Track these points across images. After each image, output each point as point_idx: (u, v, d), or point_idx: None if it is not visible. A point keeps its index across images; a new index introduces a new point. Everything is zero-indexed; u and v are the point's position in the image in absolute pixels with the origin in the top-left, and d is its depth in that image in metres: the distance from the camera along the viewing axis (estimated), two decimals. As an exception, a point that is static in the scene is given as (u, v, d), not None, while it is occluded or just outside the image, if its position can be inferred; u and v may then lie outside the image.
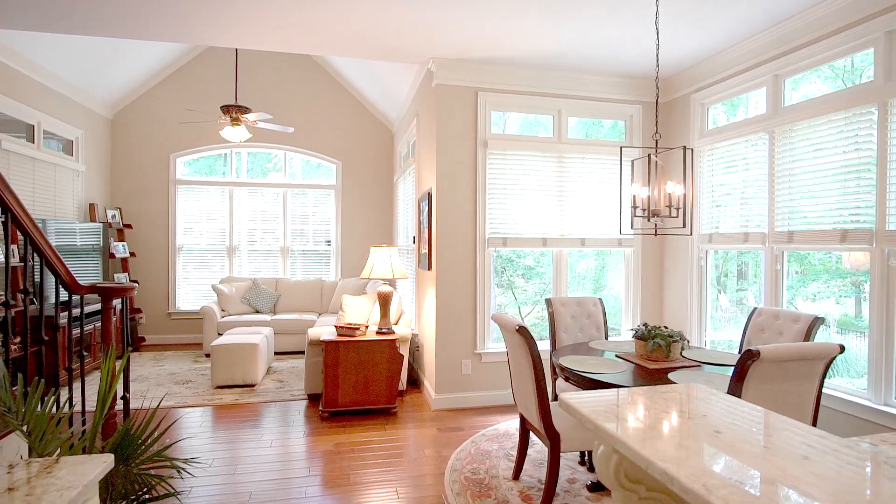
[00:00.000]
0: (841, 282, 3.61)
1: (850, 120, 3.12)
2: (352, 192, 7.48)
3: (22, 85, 4.96)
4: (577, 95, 4.56)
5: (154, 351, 6.49)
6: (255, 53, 7.01)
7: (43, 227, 4.96)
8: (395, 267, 4.31)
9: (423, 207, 4.81)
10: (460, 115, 4.32)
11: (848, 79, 3.40)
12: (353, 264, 7.47)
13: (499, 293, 4.93)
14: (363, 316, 4.80)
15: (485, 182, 4.36)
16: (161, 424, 3.59)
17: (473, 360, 4.39)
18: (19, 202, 1.98)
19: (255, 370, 4.87)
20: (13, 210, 1.96)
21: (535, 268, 5.42)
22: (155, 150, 6.92)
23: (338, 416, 4.12)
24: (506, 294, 5.25)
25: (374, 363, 4.13)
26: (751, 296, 4.18)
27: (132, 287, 2.59)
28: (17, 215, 1.97)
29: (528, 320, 5.24)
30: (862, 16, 3.01)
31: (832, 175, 3.23)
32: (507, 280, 5.28)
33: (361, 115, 7.46)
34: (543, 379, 2.58)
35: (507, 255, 5.14)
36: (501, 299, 5.10)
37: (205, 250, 7.16)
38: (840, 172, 3.18)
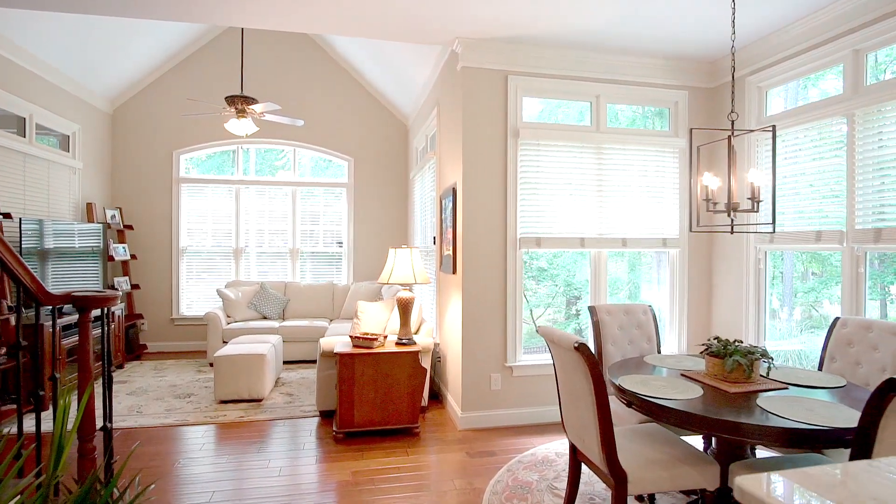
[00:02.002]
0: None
1: (958, 97, 2.64)
2: (365, 191, 7.06)
3: (12, 75, 4.59)
4: (616, 80, 4.10)
5: (156, 359, 6.10)
6: (261, 45, 6.62)
7: (39, 227, 4.59)
8: (418, 271, 3.87)
9: (445, 204, 4.37)
10: (488, 102, 3.89)
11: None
12: (367, 267, 7.04)
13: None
14: (380, 324, 4.37)
15: (516, 175, 3.91)
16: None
17: (503, 375, 3.94)
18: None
19: (261, 383, 4.46)
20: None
21: (548, 269, 5.00)
22: (157, 146, 6.55)
23: (354, 437, 3.69)
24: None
25: (393, 378, 3.70)
26: (826, 303, 3.70)
27: (114, 296, 2.18)
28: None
29: (539, 323, 4.78)
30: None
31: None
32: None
33: (374, 108, 7.05)
34: (608, 408, 2.13)
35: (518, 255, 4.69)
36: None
37: (210, 252, 6.77)
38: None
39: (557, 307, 5.01)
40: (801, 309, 4.00)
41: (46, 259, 4.70)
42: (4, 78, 4.48)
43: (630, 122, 4.69)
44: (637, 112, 4.70)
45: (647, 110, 4.61)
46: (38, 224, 4.61)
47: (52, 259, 4.77)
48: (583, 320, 4.86)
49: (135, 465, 3.22)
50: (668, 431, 2.64)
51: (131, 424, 3.91)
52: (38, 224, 4.59)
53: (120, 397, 4.57)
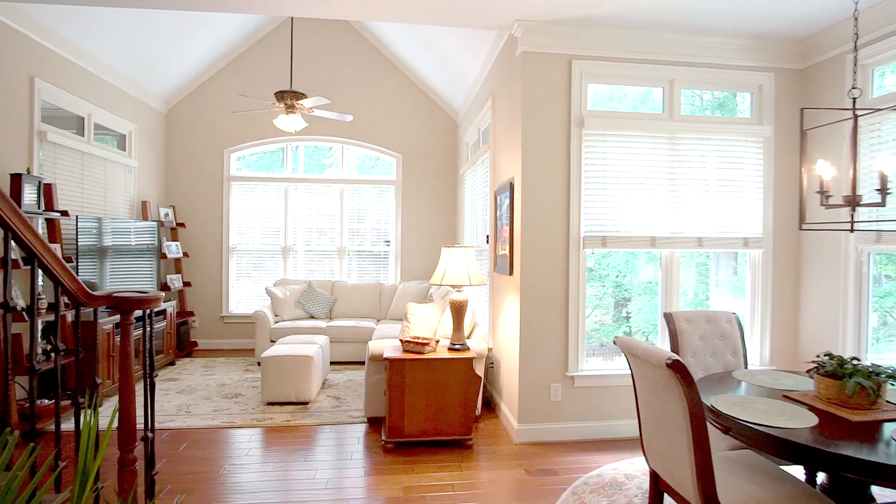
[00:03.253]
0: None
1: None
2: (413, 188, 6.88)
3: (72, 75, 4.66)
4: (692, 62, 3.71)
5: (206, 357, 6.12)
6: (310, 42, 6.54)
7: (98, 225, 4.64)
8: (472, 272, 3.61)
9: (500, 201, 4.10)
10: (550, 89, 3.58)
11: None
12: (414, 266, 6.86)
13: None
14: (430, 327, 4.14)
15: (580, 169, 3.59)
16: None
17: (564, 385, 3.63)
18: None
19: (308, 386, 4.32)
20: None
21: (595, 269, 4.62)
22: (209, 145, 6.59)
23: (403, 447, 3.48)
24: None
25: (446, 385, 3.46)
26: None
27: (156, 298, 2.04)
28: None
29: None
30: None
31: None
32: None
33: (423, 103, 6.85)
34: (706, 438, 1.80)
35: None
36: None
37: (258, 250, 6.76)
38: None
39: (605, 309, 4.67)
40: (876, 315, 3.49)
41: (105, 256, 4.74)
42: (65, 78, 4.54)
43: (707, 108, 4.26)
44: (716, 98, 4.27)
45: (726, 95, 4.17)
46: (97, 222, 4.66)
47: (110, 257, 4.82)
48: (634, 323, 4.52)
49: (181, 469, 3.12)
50: (765, 460, 2.27)
51: (179, 425, 3.85)
52: (96, 222, 4.64)
53: (170, 395, 4.55)
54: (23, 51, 4.00)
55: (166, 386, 4.85)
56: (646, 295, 4.41)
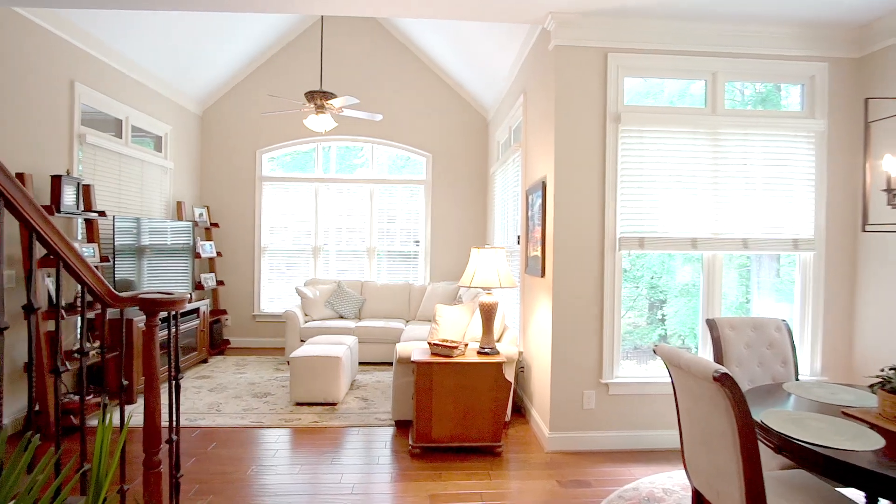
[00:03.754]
0: None
1: None
2: (443, 188, 6.80)
3: (111, 79, 4.77)
4: (737, 53, 3.50)
5: (238, 355, 6.20)
6: (340, 41, 6.54)
7: (135, 226, 4.74)
8: (503, 274, 3.51)
9: (532, 200, 3.97)
10: (584, 84, 3.44)
11: None
12: (444, 267, 6.78)
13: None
14: (459, 330, 4.06)
15: (615, 166, 3.43)
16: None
17: (598, 392, 3.48)
18: (16, 184, 1.42)
19: (336, 387, 4.30)
20: (7, 194, 1.40)
21: (630, 270, 4.41)
22: (242, 146, 6.68)
23: (431, 453, 3.40)
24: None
25: (475, 390, 3.37)
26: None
27: (181, 300, 2.02)
28: (10, 199, 1.41)
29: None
30: None
31: None
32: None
33: (453, 102, 6.76)
34: (758, 458, 1.66)
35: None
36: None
37: (289, 250, 6.82)
38: None
39: (639, 311, 4.49)
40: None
41: (142, 256, 4.84)
42: (104, 82, 4.65)
43: (748, 103, 4.03)
44: (758, 92, 4.03)
45: (769, 89, 3.93)
46: (135, 222, 4.75)
47: (147, 256, 4.91)
48: (669, 326, 4.32)
49: (209, 468, 3.13)
50: (820, 481, 2.09)
51: (209, 423, 3.88)
52: (133, 222, 4.73)
53: (202, 393, 4.61)
54: (63, 55, 4.11)
55: (198, 384, 4.92)
56: (682, 297, 4.21)
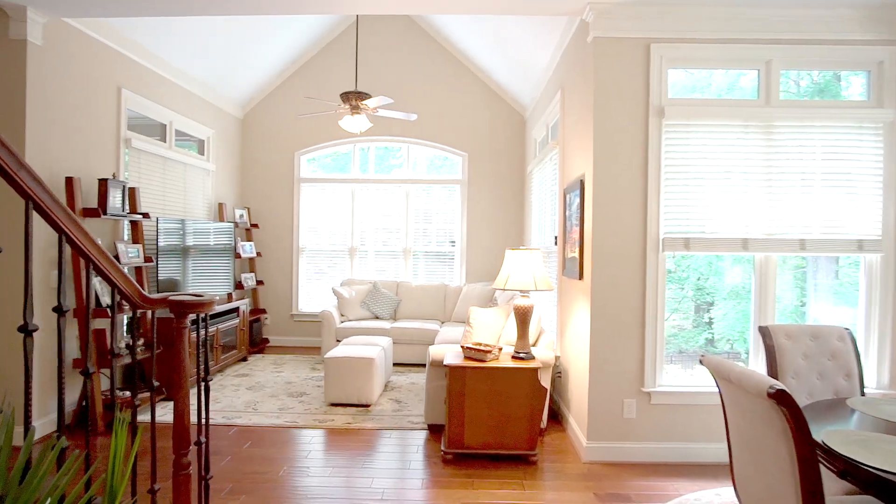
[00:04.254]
0: None
1: None
2: (479, 187, 6.70)
3: (156, 85, 4.92)
4: (795, 39, 3.25)
5: (276, 353, 6.30)
6: (376, 42, 6.54)
7: (180, 227, 4.87)
8: (538, 276, 3.38)
9: (570, 199, 3.83)
10: (625, 77, 3.27)
11: None
12: (480, 267, 6.68)
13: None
14: (494, 333, 3.95)
15: (658, 163, 3.25)
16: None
17: (639, 401, 3.31)
18: (43, 186, 1.42)
19: (370, 388, 4.28)
20: (34, 198, 1.41)
21: (674, 272, 4.17)
22: (281, 148, 6.79)
23: (463, 459, 3.31)
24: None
25: (509, 396, 3.26)
26: None
27: (210, 301, 2.02)
28: (37, 202, 1.42)
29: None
30: None
31: None
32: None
33: (490, 100, 6.65)
34: (819, 485, 1.49)
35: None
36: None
37: (326, 250, 6.89)
38: None
39: (684, 313, 4.26)
40: None
41: (186, 256, 4.97)
42: (148, 88, 4.80)
43: (804, 95, 3.74)
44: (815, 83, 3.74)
45: (828, 79, 3.64)
46: (179, 223, 4.88)
47: (190, 256, 5.04)
48: (717, 329, 4.08)
49: (243, 468, 3.15)
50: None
51: (246, 422, 3.93)
52: (177, 223, 4.86)
53: (240, 391, 4.69)
54: (111, 63, 4.25)
55: (237, 382, 5.01)
56: (731, 300, 3.96)
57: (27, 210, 1.45)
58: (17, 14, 3.42)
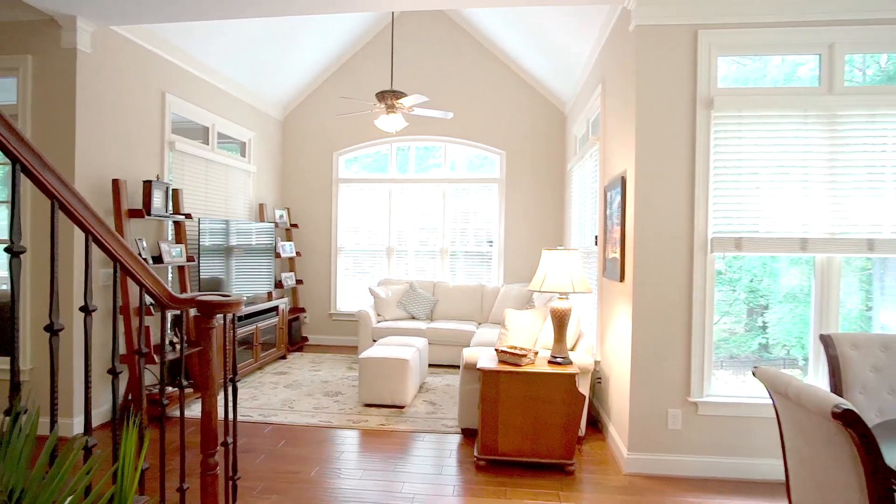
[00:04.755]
0: None
1: None
2: (517, 186, 6.56)
3: (198, 89, 5.05)
4: (859, 20, 2.96)
5: (315, 352, 6.37)
6: (412, 40, 6.51)
7: (221, 227, 4.99)
8: (577, 277, 3.24)
9: (611, 197, 3.66)
10: (670, 67, 3.08)
11: None
12: (518, 268, 6.54)
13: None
14: (530, 336, 3.83)
15: (707, 157, 3.05)
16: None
17: (685, 411, 3.11)
18: (68, 187, 1.43)
19: (404, 389, 4.23)
20: (59, 197, 1.42)
21: (725, 273, 3.85)
22: (320, 149, 6.87)
23: (497, 466, 3.21)
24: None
25: (545, 402, 3.13)
26: None
27: (238, 302, 2.01)
28: (63, 202, 1.43)
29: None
30: None
31: None
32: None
33: (528, 96, 6.50)
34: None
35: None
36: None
37: (364, 250, 6.92)
38: None
39: (736, 316, 3.99)
40: None
41: (229, 256, 5.08)
42: (191, 92, 4.93)
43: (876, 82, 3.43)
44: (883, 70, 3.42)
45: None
46: (221, 224, 5.00)
47: (232, 256, 5.15)
48: (771, 334, 3.80)
49: (276, 467, 3.16)
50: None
51: (281, 420, 3.96)
52: (220, 223, 4.98)
53: (278, 389, 4.75)
54: (155, 69, 4.39)
55: (275, 379, 5.08)
56: (788, 303, 3.68)
57: (52, 210, 1.46)
58: (68, 24, 3.56)
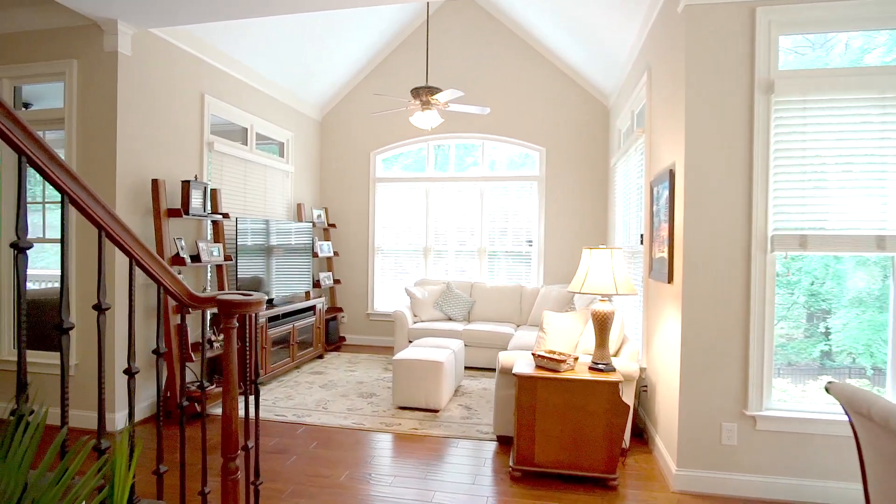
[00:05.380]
0: None
1: None
2: (558, 183, 6.33)
3: (237, 90, 5.11)
4: (950, -11, 2.62)
5: (352, 352, 6.35)
6: (448, 35, 6.39)
7: (260, 226, 5.02)
8: (620, 279, 3.02)
9: (658, 193, 3.41)
10: (724, 49, 2.83)
11: None
12: (558, 268, 6.31)
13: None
14: (570, 340, 3.63)
15: (767, 147, 2.77)
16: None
17: (742, 425, 2.84)
18: (78, 181, 1.37)
19: (438, 393, 4.11)
20: (68, 192, 1.36)
21: (781, 275, 3.49)
22: (357, 148, 6.85)
23: (533, 477, 3.04)
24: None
25: (585, 412, 2.94)
26: None
27: (258, 301, 1.93)
28: (73, 196, 1.37)
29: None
30: None
31: None
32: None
33: (569, 89, 6.25)
34: None
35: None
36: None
37: (401, 250, 6.85)
38: None
39: (794, 321, 3.64)
40: None
41: (265, 255, 5.11)
42: (231, 94, 4.99)
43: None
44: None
45: None
46: (260, 223, 5.03)
47: (271, 255, 5.18)
48: (835, 342, 3.43)
49: (307, 469, 3.10)
50: None
51: (315, 421, 3.92)
52: (259, 223, 5.01)
53: (313, 389, 4.72)
54: (194, 70, 4.45)
55: (311, 379, 5.07)
56: (854, 308, 3.32)
57: (63, 204, 1.41)
58: (109, 27, 3.64)
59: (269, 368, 4.83)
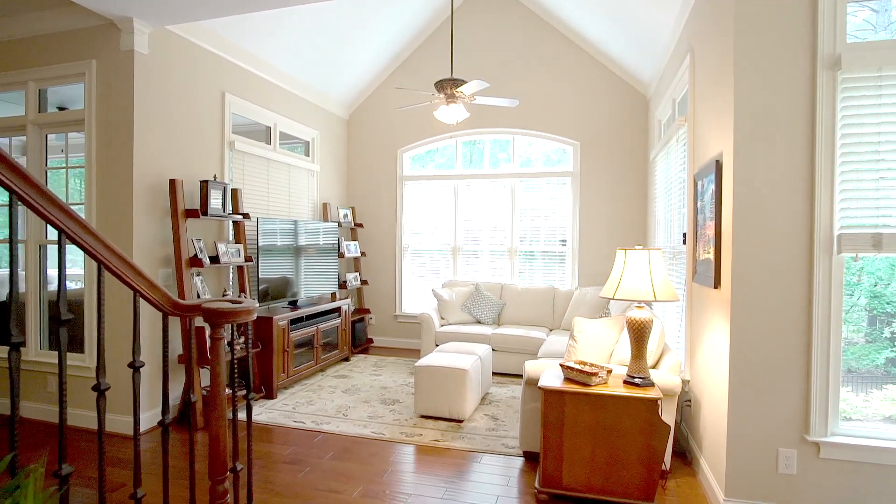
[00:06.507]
0: None
1: None
2: (593, 180, 5.98)
3: (260, 89, 5.03)
4: None
5: (379, 355, 6.20)
6: (474, 28, 6.14)
7: (287, 227, 4.93)
8: (658, 283, 2.71)
9: (702, 187, 3.07)
10: (779, 21, 2.47)
11: None
12: (593, 270, 5.96)
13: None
14: (603, 350, 3.33)
15: (833, 132, 2.40)
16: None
17: (802, 452, 2.48)
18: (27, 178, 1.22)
19: (462, 402, 3.89)
20: (16, 190, 1.21)
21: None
22: (384, 146, 6.70)
23: (561, 501, 2.77)
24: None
25: (619, 431, 2.65)
26: None
27: (248, 310, 1.76)
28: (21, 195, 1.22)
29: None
30: None
31: None
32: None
33: (605, 79, 5.89)
34: None
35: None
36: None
37: (429, 250, 6.65)
38: None
39: (855, 325, 3.22)
40: None
41: (289, 255, 5.01)
42: (253, 92, 4.91)
43: None
44: None
45: None
46: (288, 224, 4.93)
47: (295, 256, 5.08)
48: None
49: (319, 483, 2.93)
50: None
51: (333, 429, 3.76)
52: (286, 224, 4.91)
53: (335, 394, 4.58)
54: (214, 68, 4.38)
55: (335, 383, 4.93)
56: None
57: (11, 203, 1.26)
58: (126, 26, 3.58)
59: (292, 372, 4.72)
